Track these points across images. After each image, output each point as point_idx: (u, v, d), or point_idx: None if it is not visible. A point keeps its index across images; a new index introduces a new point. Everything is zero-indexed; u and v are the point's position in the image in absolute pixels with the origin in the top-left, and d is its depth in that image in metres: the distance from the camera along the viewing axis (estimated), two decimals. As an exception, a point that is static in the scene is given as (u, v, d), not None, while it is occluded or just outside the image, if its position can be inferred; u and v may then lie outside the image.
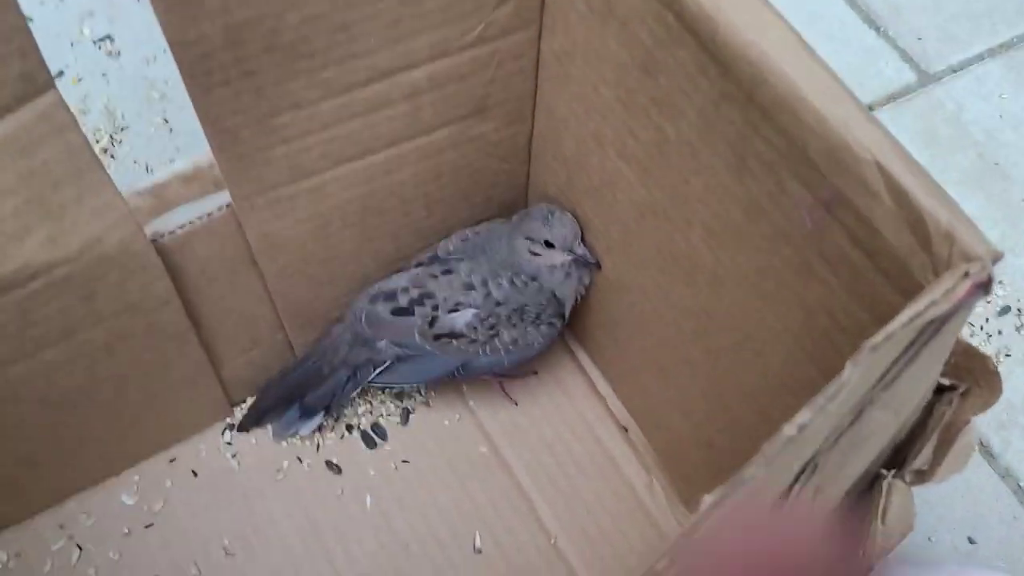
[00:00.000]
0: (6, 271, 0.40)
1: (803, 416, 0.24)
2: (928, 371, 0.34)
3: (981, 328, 0.70)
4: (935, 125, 0.81)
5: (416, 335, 0.55)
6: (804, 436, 0.25)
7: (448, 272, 0.55)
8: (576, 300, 0.57)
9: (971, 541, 0.62)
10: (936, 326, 0.28)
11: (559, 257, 0.53)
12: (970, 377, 0.41)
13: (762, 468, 0.24)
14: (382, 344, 0.56)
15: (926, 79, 0.84)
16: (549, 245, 0.53)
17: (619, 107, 0.43)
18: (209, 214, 0.47)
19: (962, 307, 0.28)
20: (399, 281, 0.56)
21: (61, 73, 0.74)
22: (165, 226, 0.47)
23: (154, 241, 0.46)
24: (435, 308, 0.54)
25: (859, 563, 0.36)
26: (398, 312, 0.55)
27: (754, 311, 0.40)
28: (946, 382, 0.41)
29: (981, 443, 0.66)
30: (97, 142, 0.71)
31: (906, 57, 0.84)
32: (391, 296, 0.55)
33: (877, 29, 0.85)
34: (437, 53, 0.45)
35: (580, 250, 0.53)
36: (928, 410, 0.43)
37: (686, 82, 0.37)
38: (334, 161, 0.48)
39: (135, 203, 0.45)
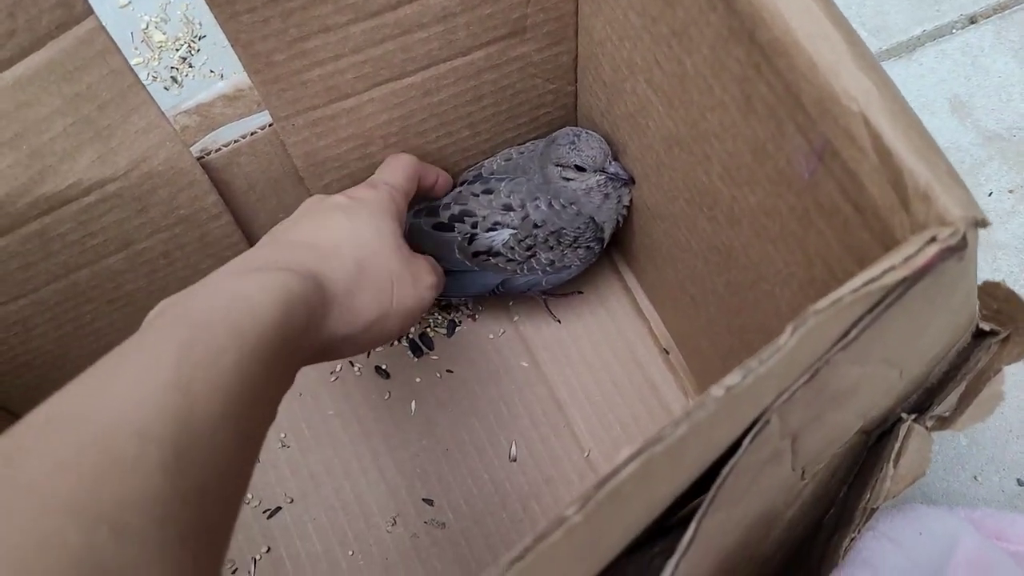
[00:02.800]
0: (61, 187, 0.44)
1: (731, 378, 0.24)
2: (925, 323, 0.33)
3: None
4: (1046, 40, 0.74)
5: (456, 251, 0.56)
6: (737, 395, 0.25)
7: (488, 192, 0.56)
8: (617, 223, 0.57)
9: (1020, 483, 0.60)
10: (904, 288, 0.27)
11: (592, 179, 0.53)
12: (1011, 324, 0.39)
13: (683, 428, 0.24)
14: None
15: (1042, -13, 0.76)
16: (580, 169, 0.53)
17: (646, 35, 0.42)
18: (252, 133, 0.50)
19: (931, 272, 0.27)
20: (442, 198, 0.58)
21: (144, -19, 0.77)
22: (211, 144, 0.49)
23: (200, 159, 0.49)
24: (474, 226, 0.56)
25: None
26: (439, 227, 0.56)
27: (765, 252, 0.40)
28: (987, 327, 0.40)
29: (1047, 386, 0.63)
30: (176, 51, 0.74)
31: (1020, -39, 0.77)
32: (433, 211, 0.57)
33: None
34: (467, -25, 0.45)
35: (612, 168, 0.53)
36: (965, 355, 0.41)
37: (698, 14, 0.36)
38: (370, 83, 0.49)
39: (182, 122, 0.47)
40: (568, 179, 0.53)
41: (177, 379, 0.30)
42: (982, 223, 0.28)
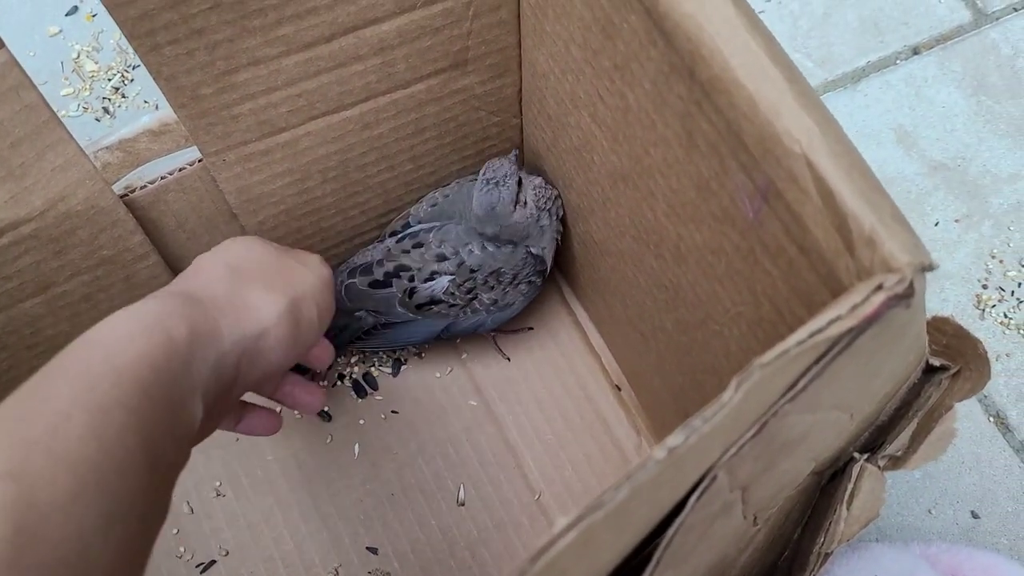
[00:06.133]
0: (-30, 229, 0.41)
1: (674, 439, 0.23)
2: (875, 367, 0.32)
3: (1012, 293, 0.66)
4: (986, 71, 0.75)
5: (397, 305, 0.55)
6: (681, 456, 0.24)
7: (419, 245, 0.54)
8: (557, 244, 0.56)
9: (974, 515, 0.60)
10: (851, 337, 0.26)
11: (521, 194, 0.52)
12: (961, 359, 0.39)
13: (624, 492, 0.22)
14: (360, 313, 0.56)
15: (982, 19, 0.77)
16: (523, 203, 0.52)
17: (588, 69, 0.41)
18: (181, 169, 0.47)
19: (879, 320, 0.25)
20: (374, 254, 0.56)
21: (76, 9, 0.74)
22: (136, 181, 0.47)
23: (124, 196, 0.46)
24: (411, 280, 0.54)
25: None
26: (375, 285, 0.55)
27: (712, 291, 0.39)
28: (936, 363, 0.39)
29: (997, 415, 0.63)
30: (109, 80, 0.71)
31: (962, -7, 0.78)
32: (367, 270, 0.55)
33: (931, -38, 0.79)
34: (404, 7, 0.43)
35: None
36: (916, 391, 0.41)
37: (639, 49, 0.35)
38: (305, 117, 0.47)
39: (103, 159, 0.45)
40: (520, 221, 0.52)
41: (8, 468, 0.27)
42: (929, 267, 0.27)
